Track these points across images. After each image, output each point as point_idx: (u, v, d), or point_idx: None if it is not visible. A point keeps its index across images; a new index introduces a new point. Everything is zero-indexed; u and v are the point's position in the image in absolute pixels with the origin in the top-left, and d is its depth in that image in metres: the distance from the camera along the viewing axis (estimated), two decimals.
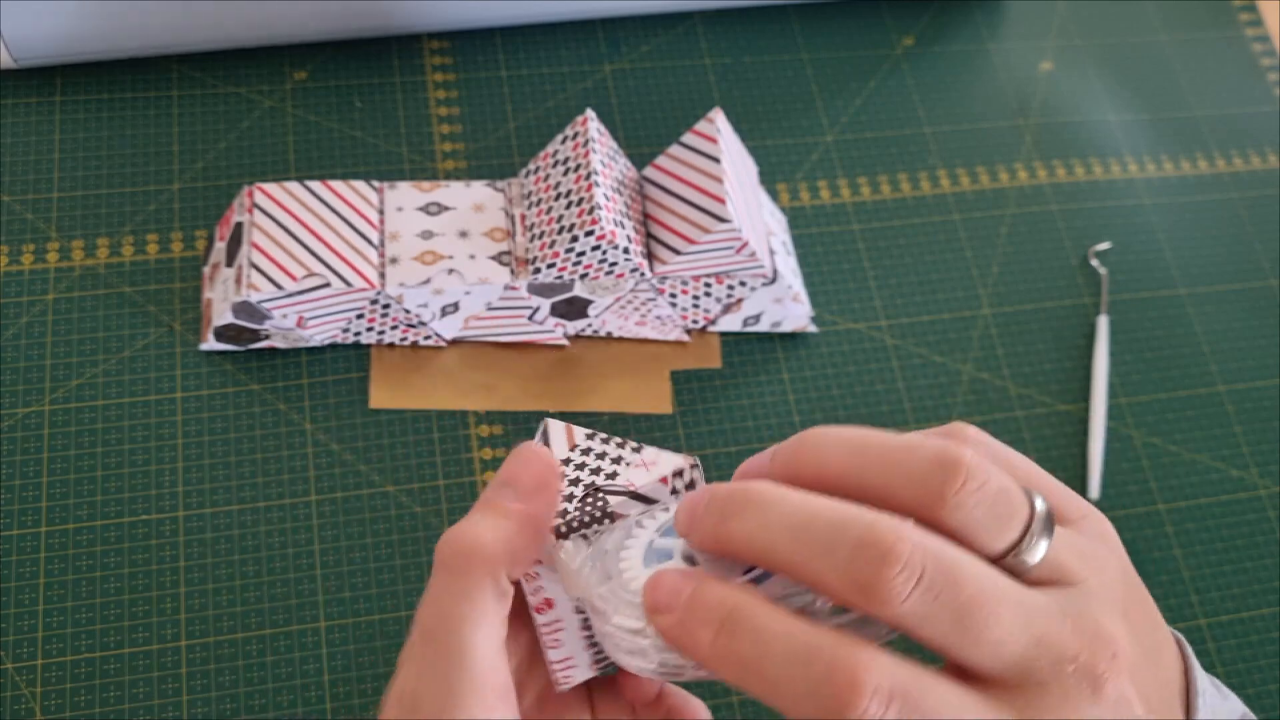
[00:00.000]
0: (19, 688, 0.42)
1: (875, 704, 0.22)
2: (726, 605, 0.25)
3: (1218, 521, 0.52)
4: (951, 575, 0.24)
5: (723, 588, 0.25)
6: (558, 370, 0.50)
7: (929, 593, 0.23)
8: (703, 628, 0.25)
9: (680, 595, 0.25)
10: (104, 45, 0.52)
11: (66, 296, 0.49)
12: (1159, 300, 0.57)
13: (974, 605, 0.24)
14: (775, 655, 0.24)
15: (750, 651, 0.24)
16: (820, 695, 0.23)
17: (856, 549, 0.24)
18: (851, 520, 0.24)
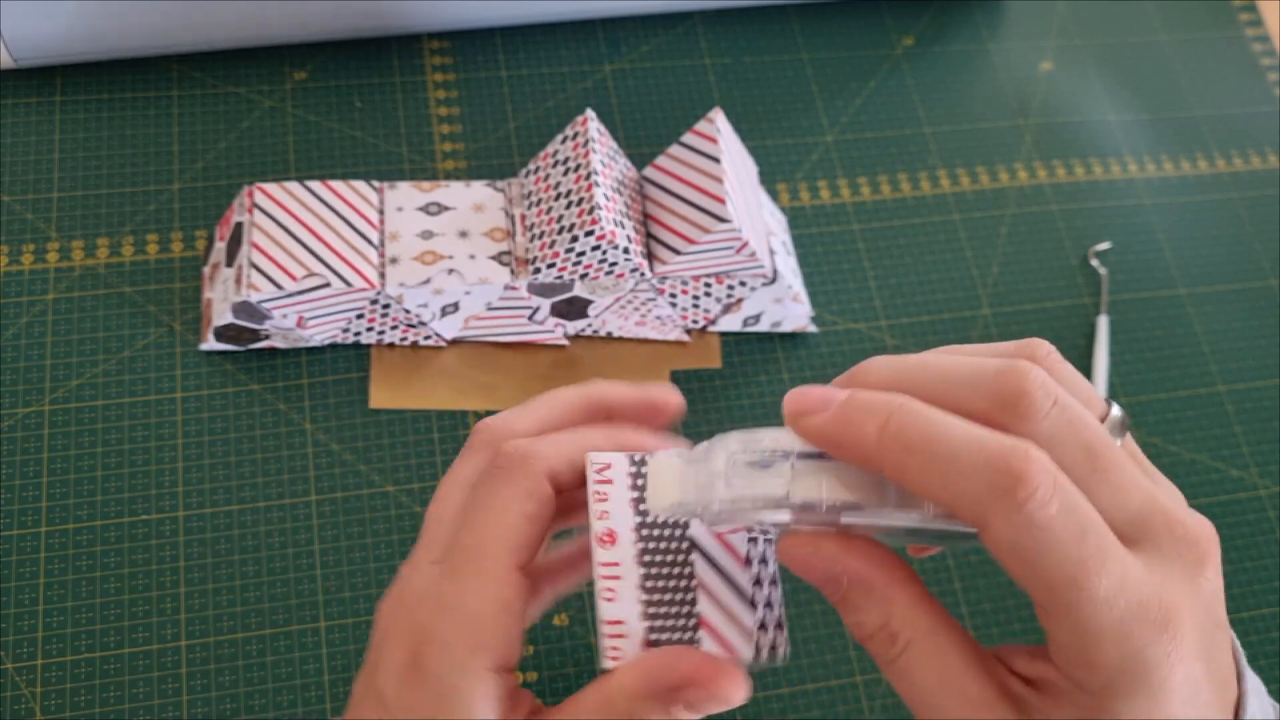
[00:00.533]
0: (19, 688, 0.42)
1: (1045, 485, 0.24)
2: (892, 400, 0.25)
3: (1218, 521, 0.52)
4: (1077, 414, 0.25)
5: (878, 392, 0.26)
6: (558, 370, 0.50)
7: (1064, 414, 0.25)
8: (868, 418, 0.25)
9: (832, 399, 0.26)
10: (104, 45, 0.52)
11: (66, 296, 0.49)
12: (1159, 300, 0.57)
13: (1102, 445, 0.25)
14: (949, 439, 0.24)
15: (921, 435, 0.25)
16: (995, 469, 0.24)
17: (998, 374, 0.25)
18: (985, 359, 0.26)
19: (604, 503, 0.29)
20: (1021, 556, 0.24)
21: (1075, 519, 0.24)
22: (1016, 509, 0.24)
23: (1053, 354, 0.27)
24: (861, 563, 0.27)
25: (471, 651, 0.28)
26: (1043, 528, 0.24)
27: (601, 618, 0.28)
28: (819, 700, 0.46)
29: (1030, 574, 0.24)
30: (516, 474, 0.29)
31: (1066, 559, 0.24)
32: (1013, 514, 0.24)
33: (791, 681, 0.46)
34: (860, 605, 0.27)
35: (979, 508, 0.24)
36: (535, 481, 0.29)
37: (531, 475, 0.29)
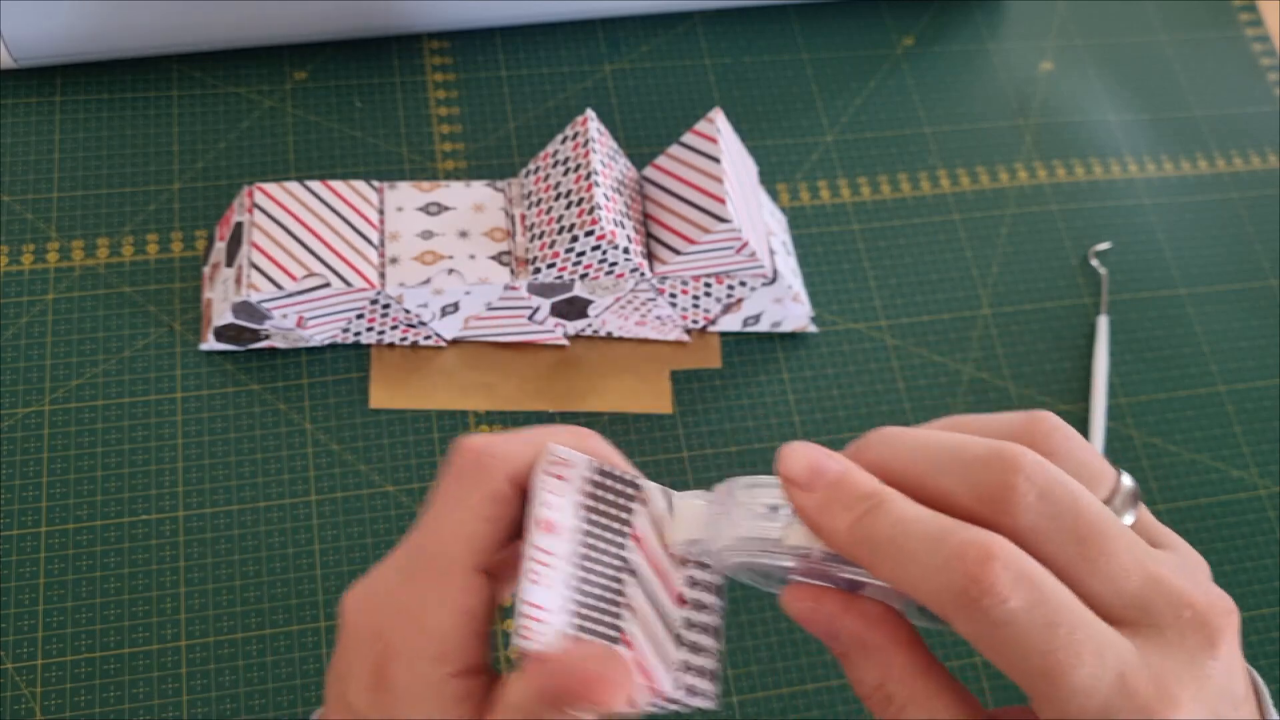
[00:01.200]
0: (19, 687, 0.42)
1: (1006, 580, 0.23)
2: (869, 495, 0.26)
3: (1218, 521, 0.52)
4: (1071, 498, 0.25)
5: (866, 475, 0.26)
6: (558, 370, 0.50)
7: (1051, 506, 0.24)
8: (843, 512, 0.26)
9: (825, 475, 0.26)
10: (104, 45, 0.52)
11: (66, 296, 0.49)
12: (1159, 300, 0.57)
13: (1094, 531, 0.25)
14: (912, 538, 0.25)
15: (887, 535, 0.25)
16: (953, 570, 0.24)
17: (983, 460, 0.25)
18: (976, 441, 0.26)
19: (552, 494, 0.29)
20: (990, 652, 0.24)
21: (1041, 612, 0.23)
22: (973, 608, 0.23)
23: (1058, 430, 0.27)
24: (861, 623, 0.27)
25: (433, 661, 0.28)
26: (1003, 624, 0.23)
27: (523, 597, 0.28)
28: (819, 700, 0.46)
29: (1004, 667, 0.24)
30: (476, 476, 0.29)
31: (1033, 652, 0.23)
32: (971, 613, 0.24)
33: (791, 681, 0.46)
34: (858, 663, 0.27)
35: (941, 607, 0.24)
36: (495, 484, 0.29)
37: (492, 478, 0.29)
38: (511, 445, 0.30)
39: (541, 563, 0.28)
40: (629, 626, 0.29)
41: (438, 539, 0.29)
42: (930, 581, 0.24)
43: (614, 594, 0.29)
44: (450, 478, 0.29)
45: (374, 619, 0.29)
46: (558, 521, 0.29)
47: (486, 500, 0.29)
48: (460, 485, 0.29)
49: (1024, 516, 0.25)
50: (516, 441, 0.30)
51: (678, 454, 0.49)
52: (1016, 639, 0.23)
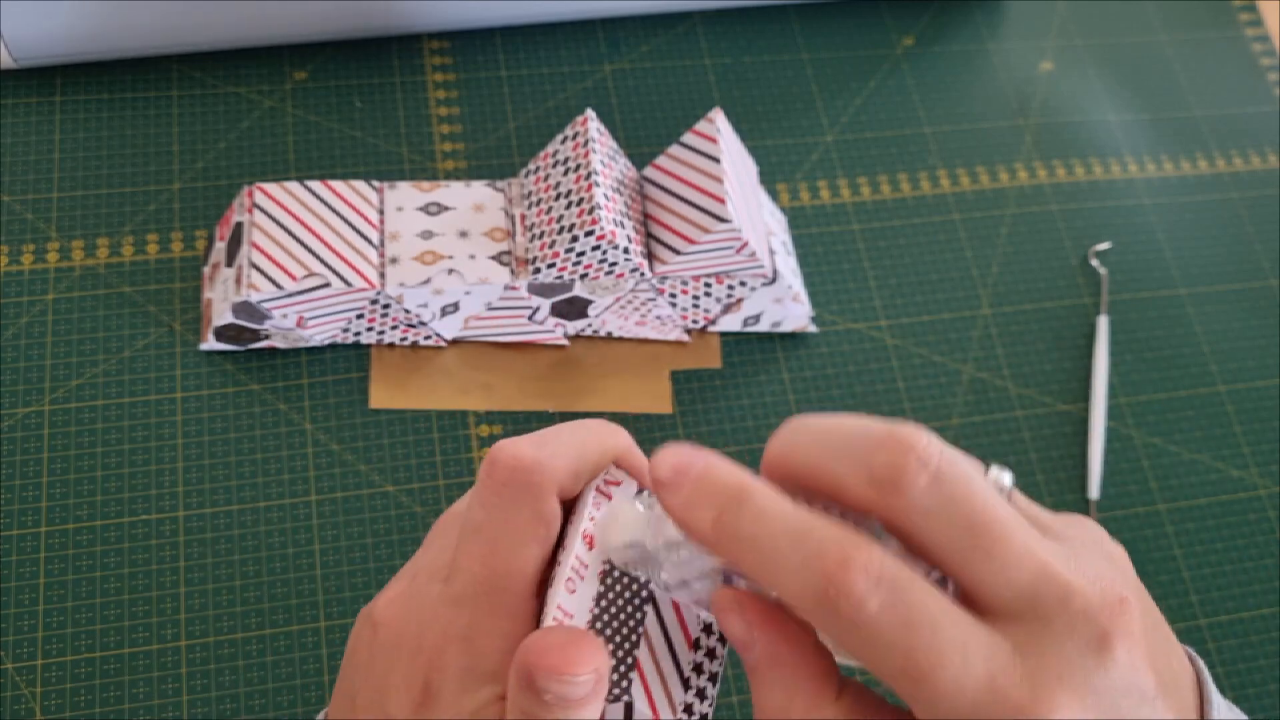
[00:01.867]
0: (19, 688, 0.42)
1: (863, 582, 0.23)
2: (732, 487, 0.25)
3: (1218, 521, 0.52)
4: (965, 481, 0.24)
5: (731, 469, 0.26)
6: (558, 370, 0.50)
7: (943, 489, 0.23)
8: (707, 509, 0.25)
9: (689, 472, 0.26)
10: (104, 45, 0.52)
11: (66, 296, 0.49)
12: (1159, 300, 0.57)
13: (986, 517, 0.24)
14: (775, 534, 0.24)
15: (750, 530, 0.24)
16: (812, 570, 0.23)
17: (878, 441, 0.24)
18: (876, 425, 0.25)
19: (598, 509, 0.29)
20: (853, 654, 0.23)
21: (900, 613, 0.23)
22: (831, 610, 0.23)
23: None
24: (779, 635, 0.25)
25: (486, 683, 0.27)
26: (861, 626, 0.23)
27: (555, 601, 0.28)
28: None
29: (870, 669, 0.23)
30: (526, 495, 0.28)
31: (893, 653, 0.23)
32: (830, 615, 0.23)
33: None
34: (765, 679, 0.25)
35: (801, 608, 0.24)
36: (546, 504, 0.28)
37: (542, 497, 0.28)
38: (555, 460, 0.29)
39: (579, 574, 0.28)
40: (642, 656, 0.28)
41: (490, 567, 0.28)
42: (791, 580, 0.23)
43: (633, 620, 0.29)
44: (497, 494, 0.29)
45: (420, 637, 0.28)
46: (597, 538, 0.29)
47: (537, 522, 0.28)
48: (509, 505, 0.28)
49: (916, 499, 0.24)
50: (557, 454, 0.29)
51: None
52: (877, 641, 0.23)
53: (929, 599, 0.23)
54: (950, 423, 0.52)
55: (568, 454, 0.29)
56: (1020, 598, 0.24)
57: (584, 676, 0.26)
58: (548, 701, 0.26)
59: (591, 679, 0.26)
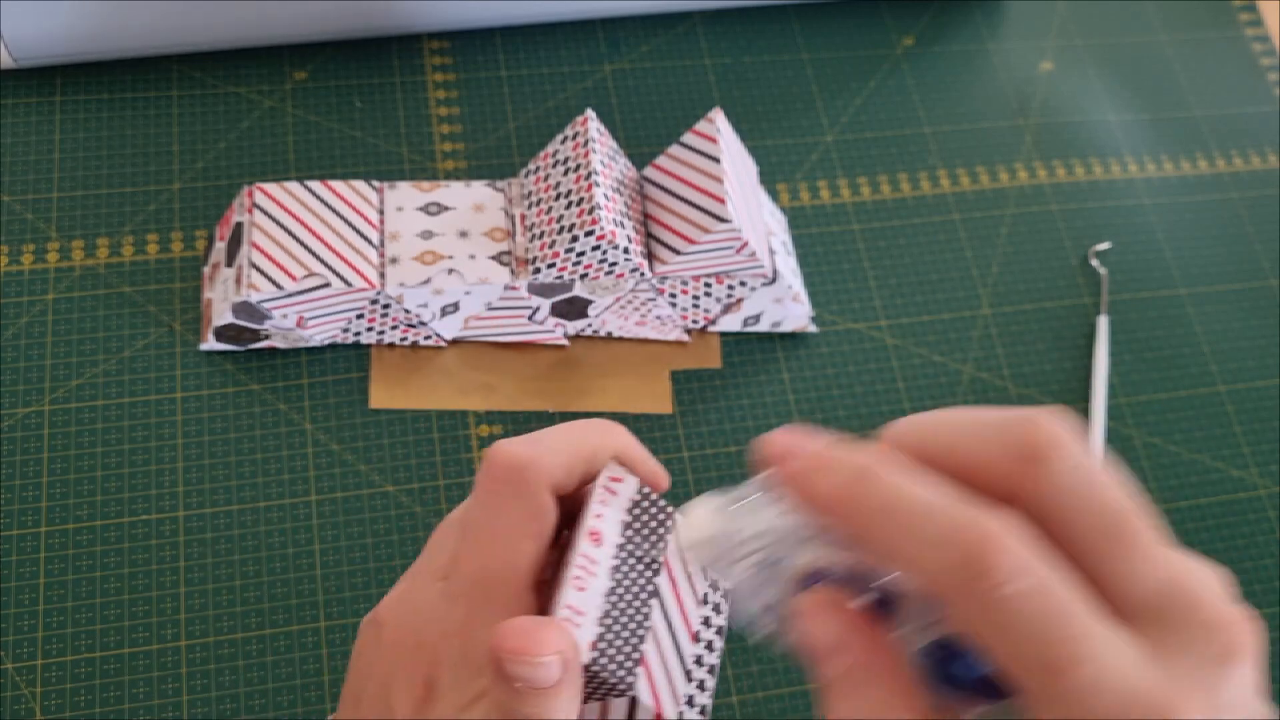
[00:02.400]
0: (19, 687, 0.42)
1: (1007, 562, 0.22)
2: (861, 461, 0.24)
3: (1218, 521, 0.52)
4: (1106, 473, 0.23)
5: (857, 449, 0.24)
6: (558, 370, 0.50)
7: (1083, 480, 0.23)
8: (832, 474, 0.24)
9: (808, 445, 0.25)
10: (104, 45, 0.52)
11: (66, 296, 0.49)
12: (1159, 300, 0.57)
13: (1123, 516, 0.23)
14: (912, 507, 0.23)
15: (882, 500, 0.23)
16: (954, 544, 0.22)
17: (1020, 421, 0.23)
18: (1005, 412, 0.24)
19: (603, 506, 0.29)
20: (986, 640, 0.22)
21: (1044, 600, 0.22)
22: (970, 588, 0.22)
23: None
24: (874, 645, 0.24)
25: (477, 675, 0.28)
26: (1002, 609, 0.22)
27: (564, 600, 0.28)
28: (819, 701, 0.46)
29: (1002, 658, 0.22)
30: (519, 492, 0.29)
31: (1032, 642, 0.22)
32: (968, 594, 0.22)
33: (792, 681, 0.46)
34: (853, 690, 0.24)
35: (937, 585, 0.23)
36: (540, 499, 0.29)
37: (536, 493, 0.29)
38: (548, 457, 0.29)
39: (588, 571, 0.28)
40: (648, 649, 0.29)
41: (485, 564, 0.29)
42: (925, 557, 0.22)
43: (640, 614, 0.29)
44: (492, 492, 0.29)
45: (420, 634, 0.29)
46: (604, 534, 0.29)
47: (531, 518, 0.29)
48: (504, 502, 0.29)
49: (1061, 477, 0.23)
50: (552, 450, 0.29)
51: (678, 454, 0.49)
52: (1015, 626, 0.22)
53: (1072, 590, 0.22)
54: None
55: (561, 451, 0.29)
56: (1149, 601, 0.23)
57: (548, 658, 0.26)
58: (519, 690, 0.26)
59: (556, 661, 0.26)
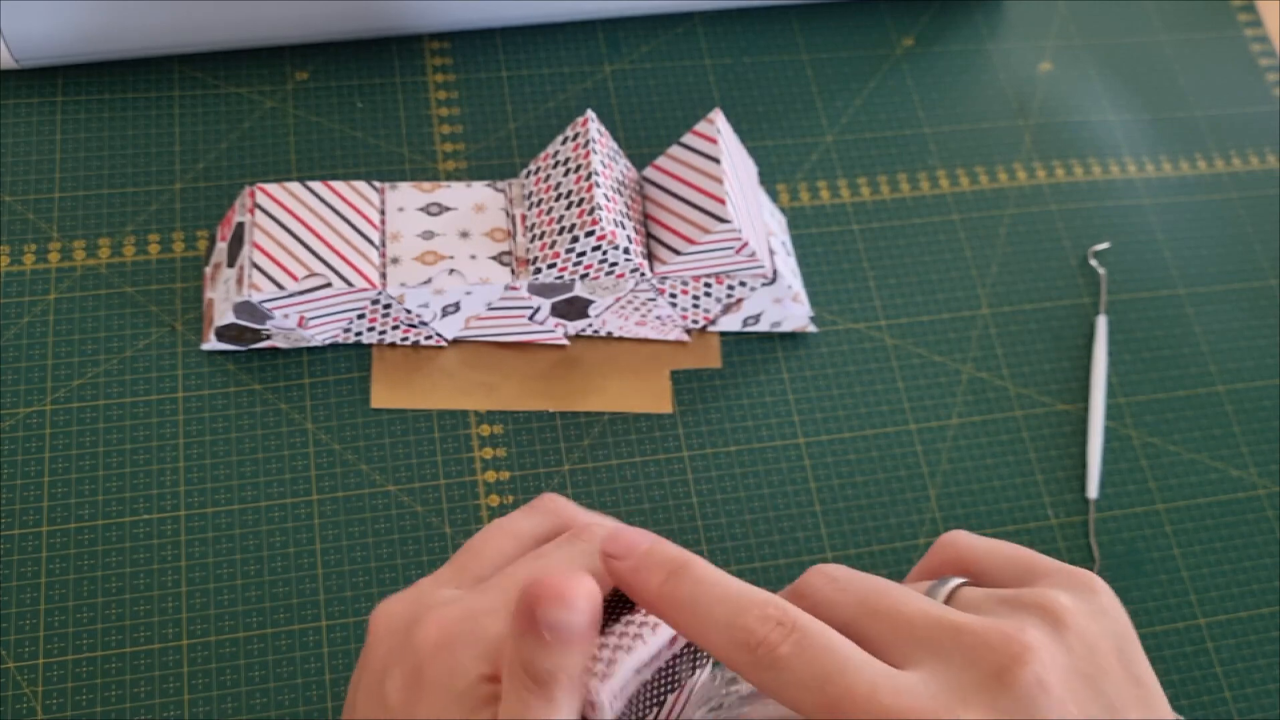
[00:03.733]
0: (20, 687, 0.42)
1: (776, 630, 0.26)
2: (679, 558, 0.28)
3: (1217, 521, 0.52)
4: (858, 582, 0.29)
5: (675, 548, 0.29)
6: (558, 370, 0.50)
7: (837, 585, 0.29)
8: (654, 571, 0.28)
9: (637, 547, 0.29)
10: (105, 45, 0.52)
11: (68, 296, 0.49)
12: (1158, 300, 0.57)
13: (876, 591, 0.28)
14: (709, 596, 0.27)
15: (689, 591, 0.28)
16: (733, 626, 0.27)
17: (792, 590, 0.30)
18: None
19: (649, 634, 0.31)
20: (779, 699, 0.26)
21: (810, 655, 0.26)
22: (751, 657, 0.26)
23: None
24: None
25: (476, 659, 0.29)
26: (777, 670, 0.26)
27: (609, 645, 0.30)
28: None
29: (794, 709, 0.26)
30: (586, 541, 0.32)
31: (808, 692, 0.26)
32: (750, 662, 0.26)
33: None
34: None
35: (730, 659, 0.27)
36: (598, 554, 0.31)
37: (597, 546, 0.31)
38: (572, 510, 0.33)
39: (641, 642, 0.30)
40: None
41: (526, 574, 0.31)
42: (719, 636, 0.27)
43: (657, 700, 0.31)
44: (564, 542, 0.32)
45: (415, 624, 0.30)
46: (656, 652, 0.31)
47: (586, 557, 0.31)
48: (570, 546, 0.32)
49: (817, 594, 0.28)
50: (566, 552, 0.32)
51: (678, 454, 0.50)
52: (790, 683, 0.26)
53: (838, 643, 0.26)
54: (950, 422, 0.52)
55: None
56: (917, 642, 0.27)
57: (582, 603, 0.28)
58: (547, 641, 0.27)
59: (589, 607, 0.28)
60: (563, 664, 0.28)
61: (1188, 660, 0.49)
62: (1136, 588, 0.50)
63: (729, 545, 0.48)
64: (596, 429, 0.50)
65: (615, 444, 0.49)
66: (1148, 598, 0.50)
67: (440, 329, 0.49)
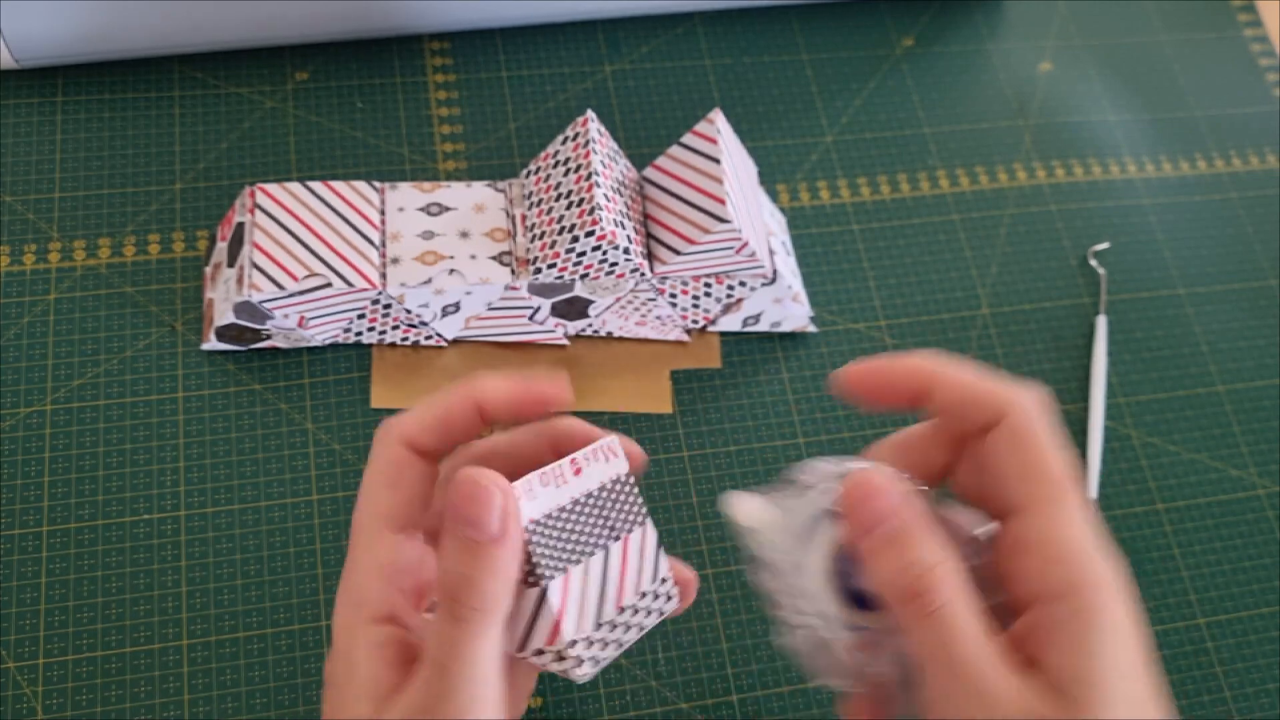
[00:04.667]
0: (20, 687, 0.42)
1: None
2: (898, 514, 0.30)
3: (1216, 521, 0.52)
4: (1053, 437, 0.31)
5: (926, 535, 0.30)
6: (558, 370, 0.50)
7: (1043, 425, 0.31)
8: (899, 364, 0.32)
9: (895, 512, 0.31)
10: (106, 45, 0.53)
11: (68, 296, 0.49)
12: (1158, 300, 0.57)
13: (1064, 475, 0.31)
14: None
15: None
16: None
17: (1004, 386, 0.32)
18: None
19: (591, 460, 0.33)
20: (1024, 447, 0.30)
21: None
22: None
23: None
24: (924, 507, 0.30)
25: (352, 607, 0.31)
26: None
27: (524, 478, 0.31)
28: (818, 699, 0.46)
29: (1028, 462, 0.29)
30: (376, 449, 0.33)
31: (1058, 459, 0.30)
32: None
33: (792, 680, 0.46)
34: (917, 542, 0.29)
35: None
36: (391, 450, 0.32)
37: (388, 445, 0.32)
38: (406, 417, 0.33)
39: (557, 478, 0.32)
40: (575, 573, 0.32)
41: (355, 514, 0.33)
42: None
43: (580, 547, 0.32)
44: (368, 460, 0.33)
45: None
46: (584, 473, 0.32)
47: (385, 467, 0.32)
48: (369, 461, 0.33)
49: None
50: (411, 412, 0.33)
51: (678, 454, 0.50)
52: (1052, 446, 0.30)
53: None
54: None
55: (418, 410, 0.33)
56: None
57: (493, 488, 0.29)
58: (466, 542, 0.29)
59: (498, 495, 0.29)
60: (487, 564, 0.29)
61: (1188, 660, 0.49)
62: (1136, 588, 0.50)
63: (729, 545, 0.48)
64: None
65: None
66: (1148, 598, 0.50)
67: (440, 329, 0.49)
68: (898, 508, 0.30)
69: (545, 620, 0.31)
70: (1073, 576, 0.28)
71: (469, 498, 0.29)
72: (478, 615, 0.29)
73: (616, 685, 0.45)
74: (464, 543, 0.29)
